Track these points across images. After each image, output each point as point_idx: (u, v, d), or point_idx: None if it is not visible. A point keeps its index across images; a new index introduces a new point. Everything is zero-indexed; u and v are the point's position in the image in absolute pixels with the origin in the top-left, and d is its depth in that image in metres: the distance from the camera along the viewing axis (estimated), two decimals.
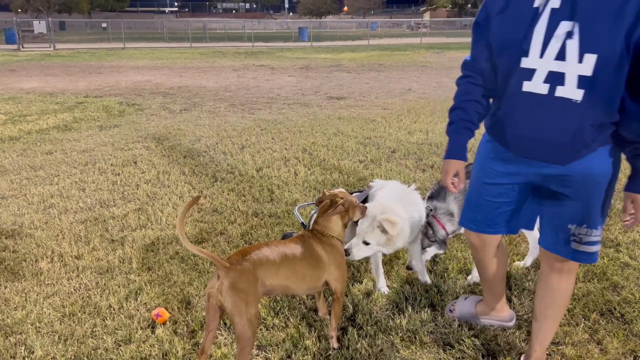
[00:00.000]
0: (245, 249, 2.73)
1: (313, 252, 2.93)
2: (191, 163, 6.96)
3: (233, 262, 2.58)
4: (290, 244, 2.88)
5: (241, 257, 2.63)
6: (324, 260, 2.93)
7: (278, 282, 2.74)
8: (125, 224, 4.96)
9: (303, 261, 2.83)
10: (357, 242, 3.30)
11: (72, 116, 10.47)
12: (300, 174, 6.39)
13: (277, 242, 2.86)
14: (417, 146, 7.69)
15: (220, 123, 9.75)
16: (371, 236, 3.25)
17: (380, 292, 3.63)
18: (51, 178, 6.39)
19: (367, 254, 3.34)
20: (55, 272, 4.03)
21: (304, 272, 2.83)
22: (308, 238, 2.99)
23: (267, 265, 2.67)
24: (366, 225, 3.24)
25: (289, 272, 2.77)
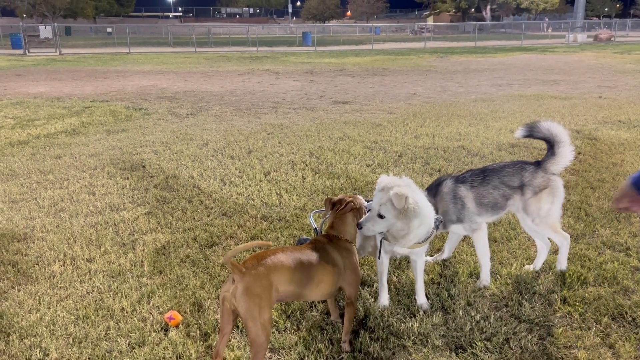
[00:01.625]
0: (260, 253, 2.75)
1: (329, 257, 2.95)
2: (199, 167, 6.99)
3: (248, 267, 2.60)
4: (305, 249, 2.90)
5: (256, 261, 2.65)
6: (340, 266, 2.95)
7: (292, 289, 2.76)
8: (136, 227, 4.99)
9: (318, 267, 2.85)
10: (372, 215, 3.14)
11: (79, 120, 10.54)
12: (308, 178, 6.41)
13: (292, 248, 2.88)
14: (424, 150, 7.71)
15: (227, 127, 9.79)
16: (386, 208, 3.10)
17: (380, 307, 3.52)
18: (61, 182, 6.43)
19: (381, 229, 3.16)
20: (67, 275, 4.06)
21: (319, 278, 2.85)
22: (323, 243, 3.01)
23: (281, 270, 2.69)
24: (381, 196, 3.13)
25: (303, 278, 2.78)
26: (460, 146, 7.92)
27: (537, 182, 3.72)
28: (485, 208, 3.67)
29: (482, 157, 7.28)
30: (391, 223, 3.15)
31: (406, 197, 3.06)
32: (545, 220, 3.79)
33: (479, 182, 3.68)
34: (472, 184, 3.67)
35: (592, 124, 9.59)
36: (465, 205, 3.62)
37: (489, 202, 3.67)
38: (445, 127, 9.46)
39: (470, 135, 8.67)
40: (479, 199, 3.65)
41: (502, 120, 10.01)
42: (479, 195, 3.65)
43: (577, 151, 7.38)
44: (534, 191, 3.71)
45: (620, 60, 25.36)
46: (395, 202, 3.05)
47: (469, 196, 3.64)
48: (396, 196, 3.05)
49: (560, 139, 3.74)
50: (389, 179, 3.22)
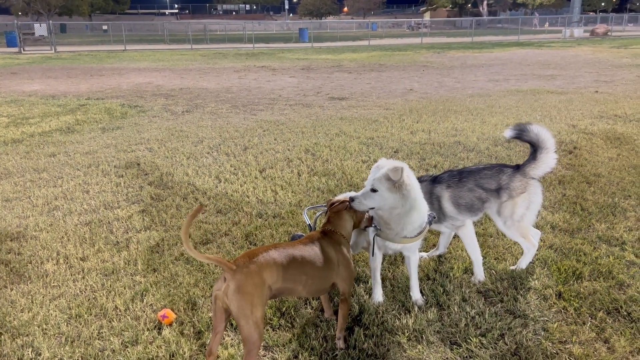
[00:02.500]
0: (252, 251, 2.73)
1: (322, 252, 2.93)
2: (194, 164, 6.96)
3: (239, 265, 2.58)
4: (299, 245, 2.88)
5: (248, 259, 2.63)
6: (333, 261, 2.93)
7: (285, 285, 2.74)
8: (130, 225, 4.96)
9: (312, 263, 2.83)
10: (365, 190, 3.12)
11: (74, 118, 10.49)
12: (304, 174, 6.39)
13: (285, 244, 2.86)
14: (420, 146, 7.69)
15: (222, 124, 9.76)
16: (379, 182, 3.07)
17: (375, 303, 3.51)
18: (55, 180, 6.40)
19: (373, 204, 3.11)
20: (60, 274, 4.03)
21: (313, 274, 2.83)
22: (317, 239, 3.00)
23: (274, 267, 2.67)
24: (376, 171, 3.14)
25: (297, 275, 2.77)
26: (457, 142, 7.91)
27: (514, 186, 3.67)
28: (461, 209, 3.66)
29: (478, 153, 7.26)
30: (384, 199, 3.11)
31: (402, 169, 3.07)
32: (517, 224, 3.73)
33: (455, 183, 3.67)
34: (448, 184, 3.66)
35: (588, 118, 9.58)
36: (442, 205, 3.64)
37: (465, 202, 3.67)
38: (442, 122, 9.44)
39: (466, 131, 8.65)
40: (455, 200, 3.64)
41: (499, 116, 9.99)
42: (455, 195, 3.64)
43: (572, 146, 7.39)
44: (510, 195, 3.68)
45: (616, 54, 25.36)
46: (392, 174, 3.04)
47: (444, 196, 3.63)
48: (393, 169, 3.06)
49: (546, 145, 3.69)
50: (388, 160, 3.24)
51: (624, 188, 5.69)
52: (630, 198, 5.38)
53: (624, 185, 5.79)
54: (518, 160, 6.77)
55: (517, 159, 6.88)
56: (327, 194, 5.67)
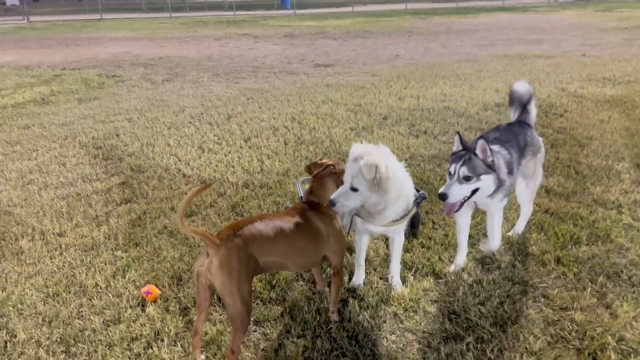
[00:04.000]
0: (236, 223, 2.54)
1: (311, 224, 2.75)
2: (176, 134, 6.70)
3: (223, 239, 2.39)
4: (285, 216, 2.70)
5: (232, 232, 2.44)
6: (323, 233, 2.76)
7: (273, 259, 2.57)
8: (110, 198, 4.74)
9: (301, 235, 2.65)
10: (345, 189, 2.78)
11: (49, 89, 10.06)
12: (290, 143, 6.17)
13: (271, 215, 2.67)
14: (409, 112, 7.49)
15: (204, 93, 9.43)
16: (358, 180, 2.75)
17: (354, 285, 3.25)
18: (29, 153, 6.10)
19: (356, 203, 2.81)
20: (36, 250, 3.82)
21: (302, 246, 2.66)
22: (304, 210, 2.81)
23: (260, 240, 2.49)
24: (353, 167, 2.78)
25: (285, 248, 2.59)
26: (446, 107, 7.72)
27: (535, 142, 3.56)
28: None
29: (468, 118, 7.09)
30: (365, 197, 2.81)
31: (376, 167, 2.71)
32: (534, 185, 3.70)
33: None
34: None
35: (577, 81, 9.44)
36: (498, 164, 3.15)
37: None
38: (430, 88, 9.23)
39: (455, 96, 8.46)
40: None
41: (487, 80, 9.80)
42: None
43: (563, 109, 7.26)
44: (533, 152, 3.53)
45: (601, 18, 25.15)
46: (365, 172, 2.72)
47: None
48: (365, 166, 2.71)
49: (531, 93, 3.72)
50: (362, 148, 2.86)
51: (617, 150, 5.58)
52: (623, 160, 5.28)
53: (616, 147, 5.68)
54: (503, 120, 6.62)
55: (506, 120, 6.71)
56: None
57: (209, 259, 2.35)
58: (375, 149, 2.90)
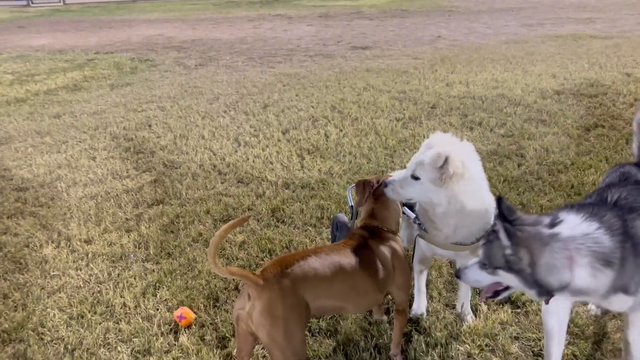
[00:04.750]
0: (285, 258, 2.09)
1: (374, 257, 2.27)
2: (210, 125, 6.31)
3: (268, 279, 1.95)
4: (344, 249, 2.22)
5: (279, 270, 1.99)
6: (388, 267, 2.29)
7: (330, 303, 2.13)
8: (140, 198, 4.39)
9: (363, 272, 2.18)
10: (405, 175, 2.40)
11: (82, 74, 9.83)
12: (332, 136, 5.71)
13: (327, 248, 2.20)
14: (459, 100, 6.91)
15: (238, 79, 9.02)
16: (422, 168, 2.31)
17: (416, 315, 2.79)
18: (59, 145, 5.82)
19: (410, 194, 2.39)
20: (61, 260, 3.49)
21: (365, 286, 2.19)
22: (366, 238, 2.33)
23: (315, 281, 2.04)
24: (421, 153, 2.39)
25: (345, 289, 2.13)
26: (500, 94, 7.10)
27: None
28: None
29: (526, 107, 6.46)
30: (424, 190, 2.34)
31: (447, 157, 2.25)
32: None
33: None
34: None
35: None
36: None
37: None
38: (479, 73, 8.57)
39: (508, 82, 7.81)
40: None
41: (541, 64, 9.07)
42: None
43: (632, 97, 6.57)
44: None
45: None
46: (430, 159, 2.27)
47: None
48: (436, 153, 2.27)
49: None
50: (441, 137, 2.46)
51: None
52: None
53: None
54: (571, 115, 6.00)
55: (571, 113, 6.09)
56: (359, 159, 5.01)
57: (250, 303, 1.93)
58: (456, 141, 2.46)
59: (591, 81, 7.57)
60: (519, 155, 4.92)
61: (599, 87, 7.23)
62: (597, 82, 7.48)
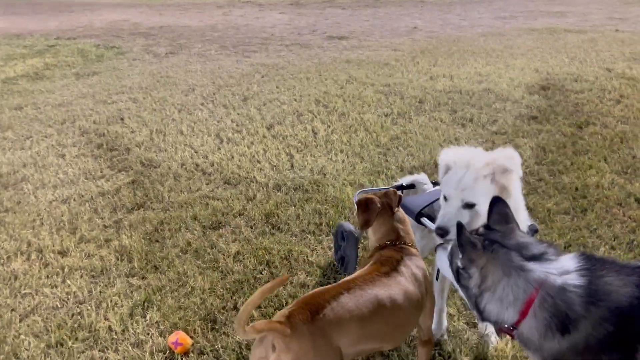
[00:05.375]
0: (313, 297, 1.77)
1: (409, 282, 1.99)
2: (189, 119, 5.93)
3: (297, 327, 1.64)
4: (379, 279, 1.91)
5: (309, 316, 1.68)
6: (422, 292, 2.03)
7: (367, 347, 1.85)
8: (119, 202, 4.02)
9: (403, 304, 1.90)
10: (454, 207, 2.10)
11: (43, 62, 9.20)
12: (320, 132, 5.43)
13: (360, 280, 1.89)
14: (446, 95, 6.73)
15: (213, 69, 8.60)
16: (478, 191, 2.07)
17: (438, 337, 2.57)
18: (22, 141, 5.34)
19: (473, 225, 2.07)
20: (33, 275, 3.12)
21: (406, 320, 1.93)
22: (397, 261, 2.03)
23: (350, 326, 1.74)
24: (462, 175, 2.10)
25: (384, 328, 1.85)
26: (486, 89, 6.96)
27: None
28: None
29: (514, 103, 6.34)
30: (484, 210, 2.01)
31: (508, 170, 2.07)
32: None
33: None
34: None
35: (621, 61, 8.64)
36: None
37: None
38: (461, 66, 8.42)
39: (492, 76, 7.68)
40: None
41: (522, 58, 8.99)
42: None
43: (617, 94, 6.53)
44: None
45: None
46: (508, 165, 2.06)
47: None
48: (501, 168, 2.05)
49: None
50: (454, 153, 2.23)
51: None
52: None
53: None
54: (561, 112, 5.90)
55: (560, 109, 5.99)
56: (352, 158, 4.76)
57: (276, 354, 1.63)
58: (476, 149, 2.26)
59: (574, 76, 7.52)
60: None
61: (583, 82, 7.18)
62: (580, 78, 7.43)
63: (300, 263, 3.17)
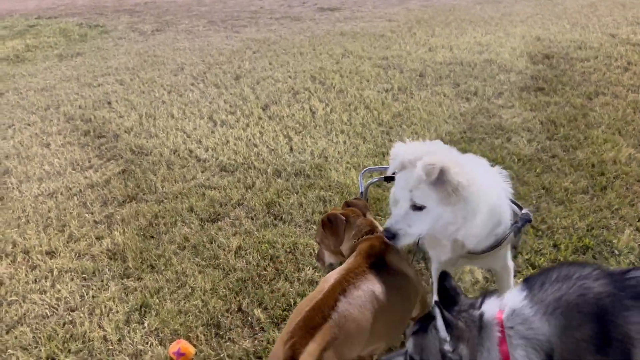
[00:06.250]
0: (311, 318, 1.56)
1: (397, 272, 1.86)
2: (179, 101, 5.64)
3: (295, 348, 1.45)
4: (368, 271, 1.74)
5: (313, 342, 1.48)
6: (413, 280, 1.88)
7: (370, 348, 1.68)
8: (109, 194, 3.77)
9: (398, 297, 1.75)
10: (403, 210, 1.91)
11: (23, 43, 8.80)
12: (319, 111, 5.17)
13: (351, 276, 1.70)
14: (447, 67, 6.45)
15: (202, 46, 8.25)
16: (423, 193, 1.87)
17: None
18: (4, 130, 5.05)
19: (426, 228, 1.91)
20: (20, 280, 2.90)
21: (401, 313, 1.77)
22: (380, 250, 1.89)
23: (360, 334, 1.58)
24: (407, 177, 1.91)
25: (385, 326, 1.69)
26: (488, 60, 6.68)
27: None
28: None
29: (518, 74, 6.08)
30: (437, 215, 1.90)
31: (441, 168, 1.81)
32: None
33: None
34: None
35: (625, 26, 8.36)
36: None
37: None
38: (460, 36, 8.12)
39: (492, 46, 7.39)
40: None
41: (521, 25, 8.68)
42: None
43: (624, 61, 6.29)
44: None
45: None
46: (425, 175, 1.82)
47: None
48: (426, 167, 1.81)
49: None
50: (411, 147, 2.00)
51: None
52: None
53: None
54: (568, 82, 5.66)
55: (567, 80, 5.75)
56: (353, 138, 4.52)
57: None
58: (426, 146, 2.04)
59: (578, 43, 7.25)
60: (526, 130, 4.54)
61: (588, 50, 6.91)
62: (584, 45, 7.16)
63: (306, 257, 2.97)
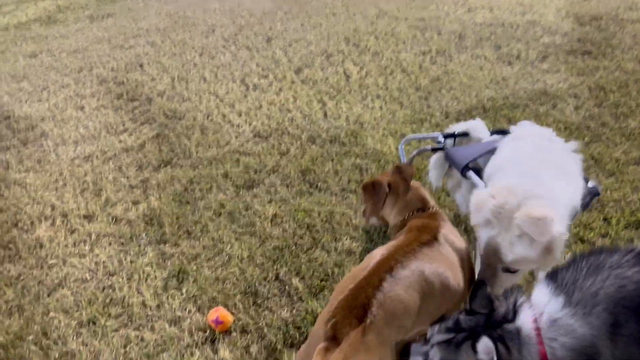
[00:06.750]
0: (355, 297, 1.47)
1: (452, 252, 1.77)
2: (210, 64, 5.55)
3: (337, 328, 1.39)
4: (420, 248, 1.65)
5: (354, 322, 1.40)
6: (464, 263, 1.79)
7: (415, 330, 1.59)
8: (144, 159, 3.76)
9: (450, 279, 1.65)
10: (494, 271, 1.75)
11: (55, 4, 8.76)
12: (353, 75, 5.01)
13: (400, 255, 1.60)
14: (487, 29, 6.16)
15: (233, 6, 8.07)
16: (520, 250, 1.67)
17: None
18: (39, 92, 5.06)
19: (511, 283, 1.79)
20: (59, 243, 2.93)
21: (451, 295, 1.68)
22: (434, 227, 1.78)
23: (405, 316, 1.49)
24: (501, 233, 1.70)
25: (433, 309, 1.61)
26: (531, 21, 6.34)
27: None
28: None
29: (564, 36, 5.76)
30: (526, 270, 1.80)
31: (548, 220, 1.61)
32: None
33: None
34: None
35: None
36: None
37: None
38: None
39: (536, 6, 7.01)
40: None
41: None
42: None
43: None
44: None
45: None
46: (536, 234, 1.62)
47: None
48: (534, 222, 1.61)
49: None
50: (498, 193, 1.73)
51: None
52: None
53: None
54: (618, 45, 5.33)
55: (617, 42, 5.42)
56: (390, 104, 4.37)
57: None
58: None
59: (628, 3, 6.80)
60: (573, 96, 4.32)
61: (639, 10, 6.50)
62: (635, 5, 6.72)
63: (343, 227, 2.90)
